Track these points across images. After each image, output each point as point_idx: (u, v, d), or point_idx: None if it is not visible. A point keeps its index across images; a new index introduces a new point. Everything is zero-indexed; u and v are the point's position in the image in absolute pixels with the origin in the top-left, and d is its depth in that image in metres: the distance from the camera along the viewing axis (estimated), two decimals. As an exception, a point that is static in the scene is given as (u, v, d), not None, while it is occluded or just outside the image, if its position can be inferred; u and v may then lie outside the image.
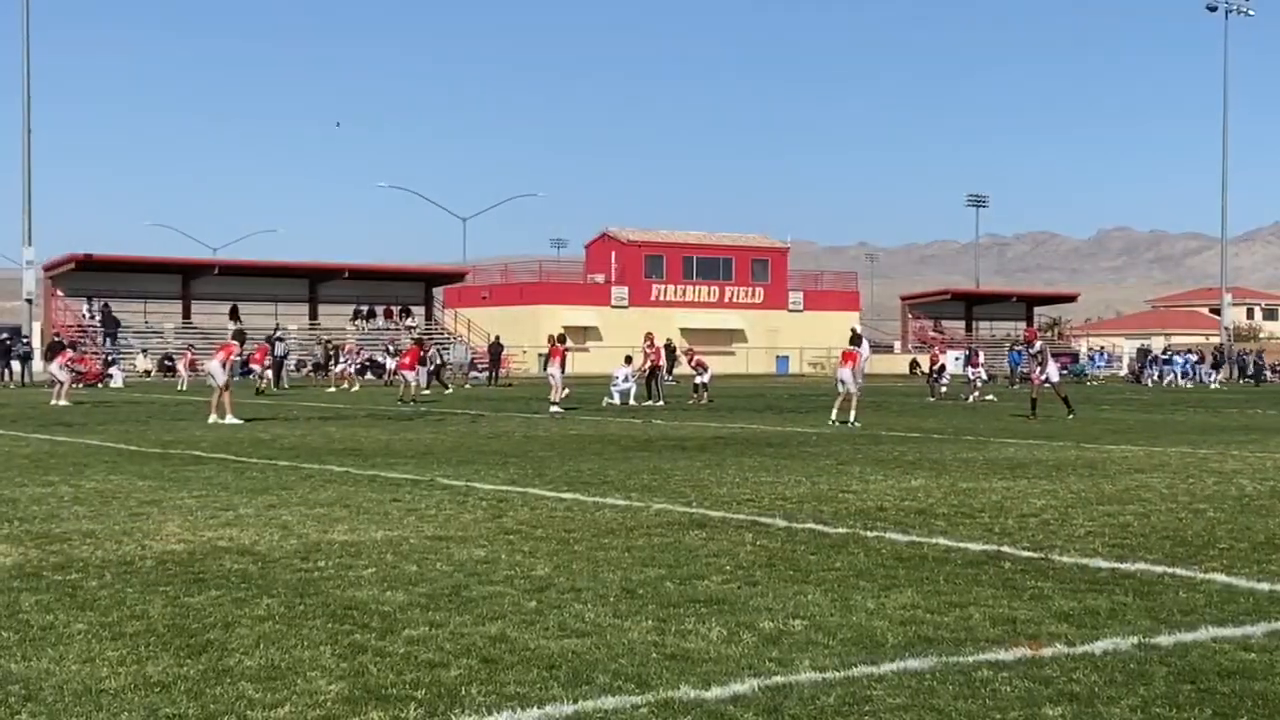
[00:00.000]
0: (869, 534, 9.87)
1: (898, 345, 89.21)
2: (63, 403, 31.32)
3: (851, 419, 23.73)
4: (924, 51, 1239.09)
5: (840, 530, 10.05)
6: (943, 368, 40.34)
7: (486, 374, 56.66)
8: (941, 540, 9.59)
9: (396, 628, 6.62)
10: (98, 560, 8.50)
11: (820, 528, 10.20)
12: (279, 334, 55.88)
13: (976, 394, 37.78)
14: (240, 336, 28.16)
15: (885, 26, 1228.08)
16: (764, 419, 26.73)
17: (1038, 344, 30.26)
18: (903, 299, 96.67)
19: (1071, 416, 26.39)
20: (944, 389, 39.04)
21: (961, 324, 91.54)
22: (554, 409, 27.93)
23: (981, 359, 41.94)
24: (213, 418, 24.02)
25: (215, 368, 25.00)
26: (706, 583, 7.89)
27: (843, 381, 24.71)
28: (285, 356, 52.41)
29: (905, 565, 8.50)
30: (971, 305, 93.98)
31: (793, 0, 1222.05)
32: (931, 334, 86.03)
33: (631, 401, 32.74)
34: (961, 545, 9.35)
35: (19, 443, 18.95)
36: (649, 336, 37.42)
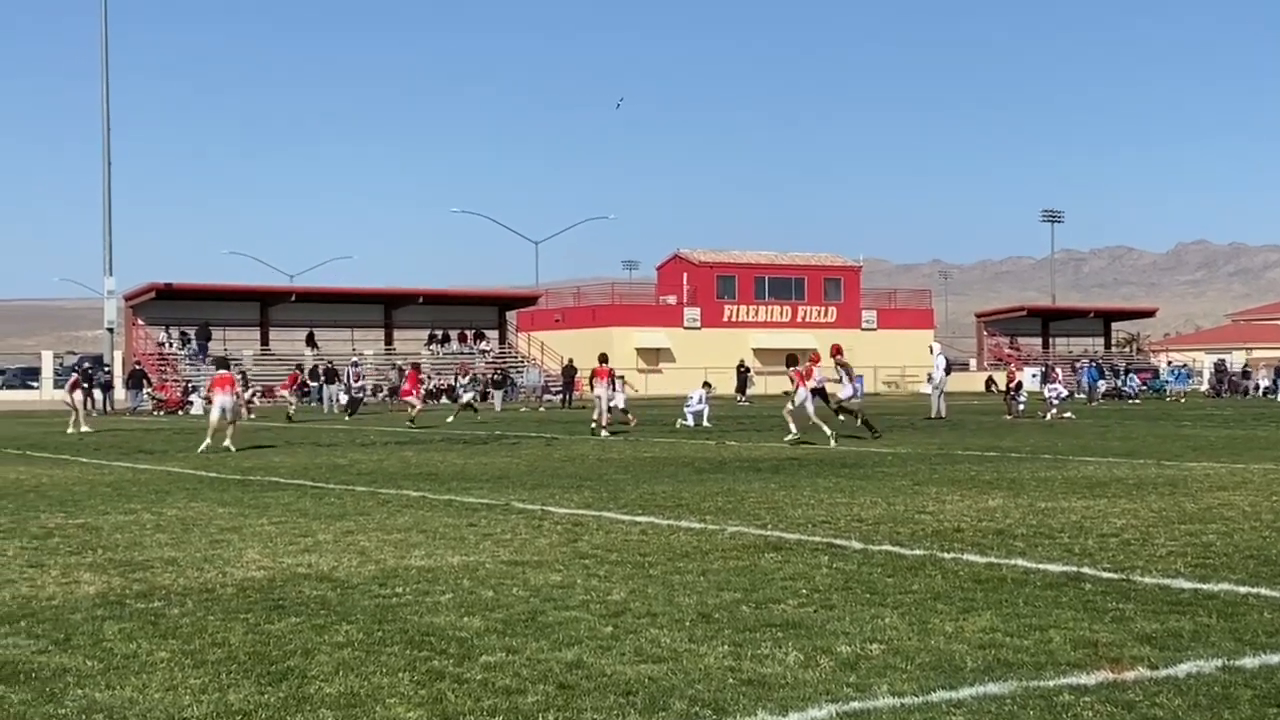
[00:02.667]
0: (946, 556, 9.78)
1: (973, 363, 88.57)
2: (84, 428, 31.85)
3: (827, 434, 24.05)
4: (997, 66, 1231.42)
5: (917, 552, 9.97)
6: (1019, 385, 39.94)
7: (560, 397, 56.88)
8: (1020, 561, 9.49)
9: (474, 654, 6.65)
10: (180, 588, 8.61)
11: (897, 550, 10.13)
12: (354, 360, 56.54)
13: (1054, 411, 37.37)
14: (224, 364, 27.85)
15: (958, 42, 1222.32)
16: (837, 439, 26.55)
17: (843, 359, 29.09)
18: (978, 316, 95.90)
19: (877, 436, 26.10)
20: (1021, 407, 38.66)
21: (1038, 341, 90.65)
22: (603, 432, 27.92)
23: (1059, 376, 41.47)
24: (206, 442, 23.77)
25: (225, 399, 24.80)
26: (782, 606, 7.85)
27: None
28: (360, 383, 53.04)
29: (983, 587, 8.41)
30: (1048, 322, 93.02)
31: (862, 18, 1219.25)
32: (1007, 351, 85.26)
33: (705, 423, 32.70)
34: (1041, 566, 9.25)
35: (102, 470, 19.26)
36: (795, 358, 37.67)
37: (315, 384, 55.44)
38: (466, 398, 41.90)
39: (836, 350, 29.08)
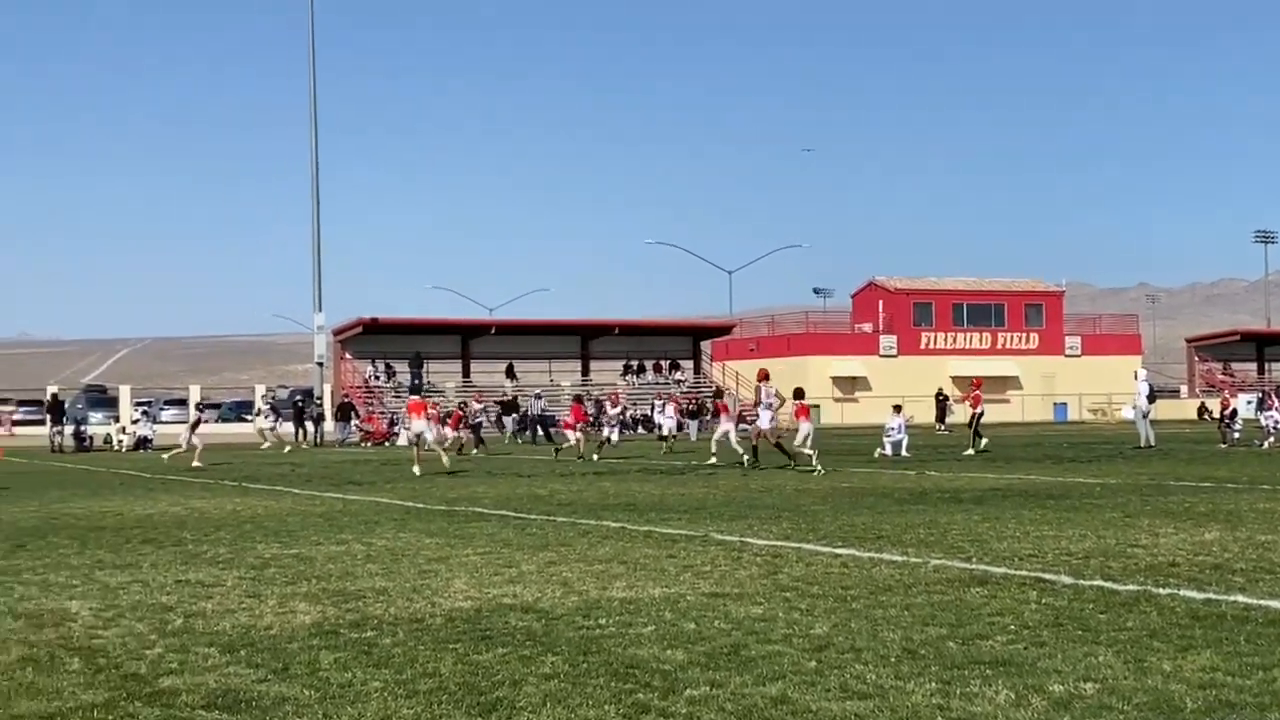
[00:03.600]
0: (1161, 591, 9.45)
1: (1184, 389, 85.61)
2: (196, 464, 33.05)
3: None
4: (1206, 80, 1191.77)
5: (1130, 587, 9.66)
6: (1234, 412, 38.46)
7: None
8: (1240, 597, 9.11)
9: (678, 687, 6.66)
10: (390, 617, 8.82)
11: (1109, 584, 9.83)
12: (536, 394, 57.54)
13: (1271, 440, 35.87)
14: (417, 391, 30.13)
15: (1166, 56, 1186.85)
16: (1043, 469, 25.99)
17: (770, 386, 28.79)
18: (1188, 341, 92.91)
19: (792, 467, 25.92)
20: (1237, 435, 37.21)
21: (1252, 366, 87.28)
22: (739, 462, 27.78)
23: (1276, 403, 39.82)
24: (416, 469, 26.39)
25: (419, 424, 27.62)
26: (990, 643, 7.68)
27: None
28: (543, 415, 53.99)
29: (1202, 624, 8.11)
30: (1263, 346, 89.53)
31: (1057, 32, 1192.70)
32: (1220, 377, 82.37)
33: (904, 453, 32.26)
34: (1262, 603, 8.87)
35: (314, 501, 19.87)
36: (977, 383, 37.69)
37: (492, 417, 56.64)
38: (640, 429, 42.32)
39: (763, 376, 29.31)
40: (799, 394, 28.56)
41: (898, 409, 33.97)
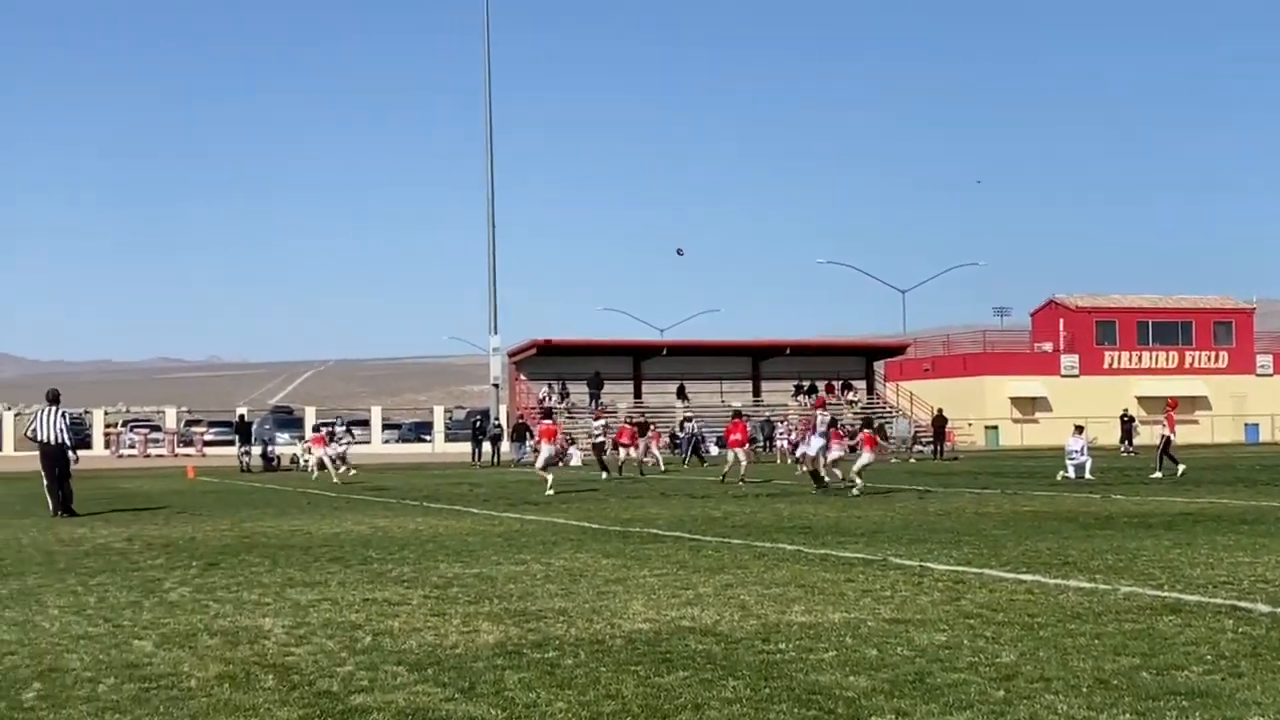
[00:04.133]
0: (1368, 622, 9.04)
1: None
2: (334, 480, 33.94)
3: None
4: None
5: (1334, 618, 9.26)
6: None
7: (931, 448, 55.98)
8: None
9: (862, 714, 6.58)
10: (571, 638, 8.89)
11: (1310, 615, 9.44)
12: (686, 415, 57.72)
13: None
14: (549, 415, 32.44)
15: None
16: (1235, 492, 25.10)
17: (826, 414, 29.89)
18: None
19: (818, 490, 26.15)
20: None
21: None
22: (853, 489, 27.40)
23: None
24: (550, 491, 27.45)
25: (548, 449, 29.25)
26: (1186, 673, 7.44)
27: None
28: (699, 436, 54.02)
29: None
30: None
31: (1246, 33, 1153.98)
32: None
33: (1088, 475, 31.46)
34: None
35: (492, 521, 20.15)
36: (1172, 403, 36.89)
37: (681, 435, 56.76)
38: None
39: (821, 404, 30.24)
40: (868, 424, 29.21)
41: (1079, 430, 33.09)
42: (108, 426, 73.96)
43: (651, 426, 46.12)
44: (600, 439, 42.86)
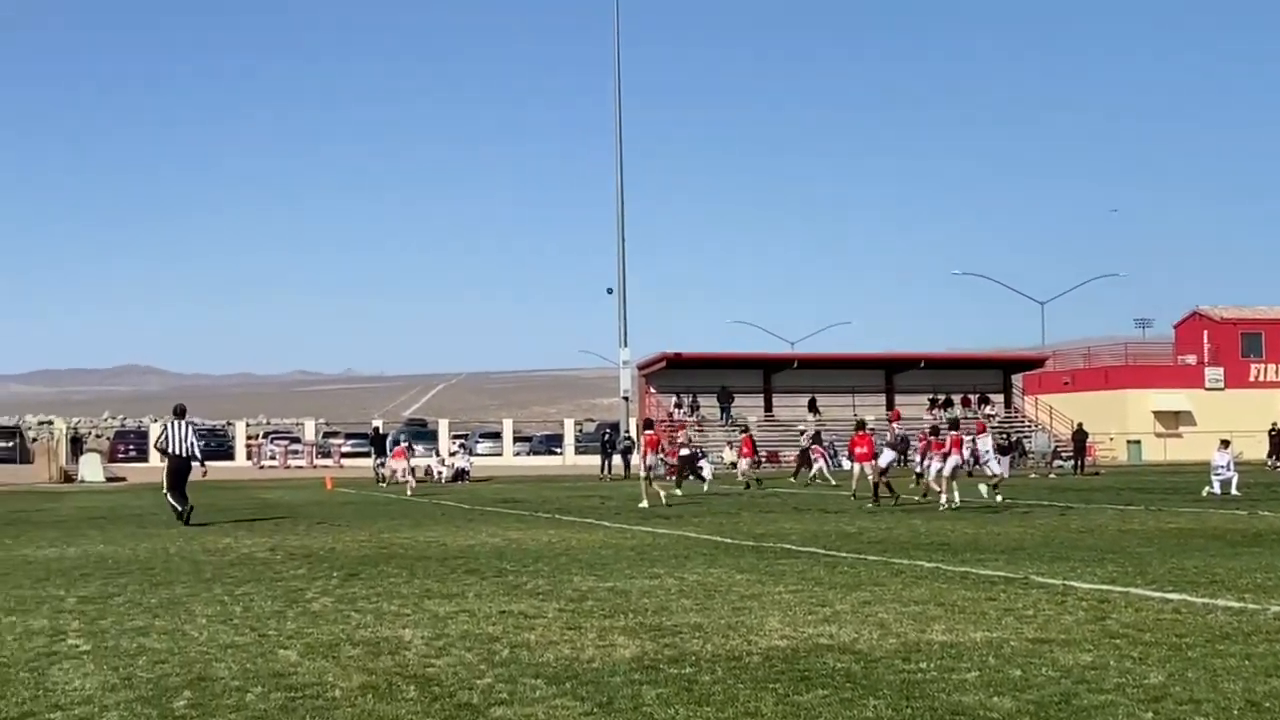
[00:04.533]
0: None
1: None
2: (407, 494, 34.78)
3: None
4: None
5: None
6: None
7: (1071, 463, 54.95)
8: None
9: (1007, 737, 6.45)
10: (708, 654, 8.86)
11: None
12: (801, 429, 57.27)
13: None
14: (650, 426, 33.09)
15: None
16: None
17: (898, 427, 29.85)
18: None
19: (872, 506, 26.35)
20: None
21: None
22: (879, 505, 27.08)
23: None
24: (644, 503, 28.10)
25: (651, 459, 29.81)
26: (1346, 700, 7.18)
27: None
28: (699, 453, 53.62)
29: None
30: None
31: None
32: None
33: (1234, 491, 30.59)
34: None
35: (624, 534, 20.20)
36: None
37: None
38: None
39: (896, 417, 31.30)
40: (955, 424, 28.79)
41: (1225, 444, 32.18)
42: (249, 438, 75.68)
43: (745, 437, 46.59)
44: (687, 452, 43.00)
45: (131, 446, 72.17)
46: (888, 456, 29.36)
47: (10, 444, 70.80)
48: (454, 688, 7.80)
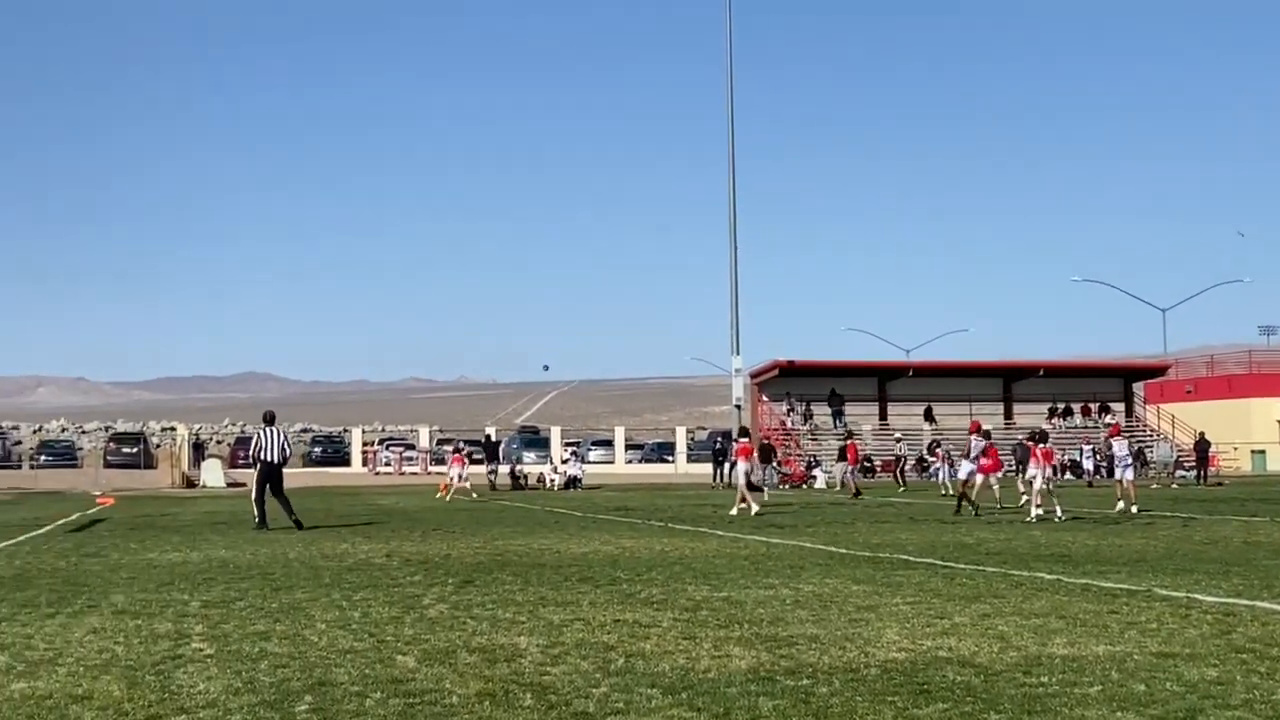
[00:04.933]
0: None
1: None
2: (446, 498, 37.01)
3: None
4: None
5: None
6: None
7: (1195, 473, 53.78)
8: None
9: (1133, 755, 6.31)
10: (825, 666, 8.78)
11: None
12: (896, 436, 56.60)
13: None
14: (745, 434, 32.67)
15: None
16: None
17: (979, 439, 29.35)
18: None
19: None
20: None
21: None
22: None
23: None
24: (735, 510, 28.77)
25: (744, 465, 29.99)
26: None
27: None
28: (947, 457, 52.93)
29: None
30: None
31: None
32: None
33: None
34: None
35: (738, 544, 20.13)
36: None
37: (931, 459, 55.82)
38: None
39: (975, 428, 30.27)
40: (1040, 437, 27.96)
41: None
42: (365, 445, 76.75)
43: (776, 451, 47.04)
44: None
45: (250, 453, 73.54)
46: (966, 468, 29.53)
47: (135, 450, 72.53)
48: (570, 696, 7.82)
